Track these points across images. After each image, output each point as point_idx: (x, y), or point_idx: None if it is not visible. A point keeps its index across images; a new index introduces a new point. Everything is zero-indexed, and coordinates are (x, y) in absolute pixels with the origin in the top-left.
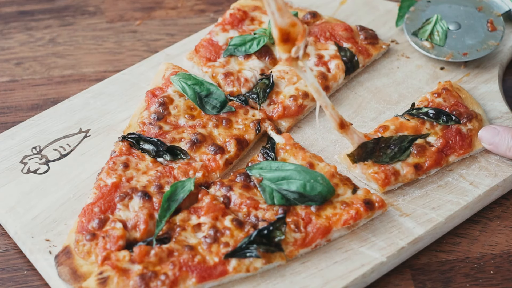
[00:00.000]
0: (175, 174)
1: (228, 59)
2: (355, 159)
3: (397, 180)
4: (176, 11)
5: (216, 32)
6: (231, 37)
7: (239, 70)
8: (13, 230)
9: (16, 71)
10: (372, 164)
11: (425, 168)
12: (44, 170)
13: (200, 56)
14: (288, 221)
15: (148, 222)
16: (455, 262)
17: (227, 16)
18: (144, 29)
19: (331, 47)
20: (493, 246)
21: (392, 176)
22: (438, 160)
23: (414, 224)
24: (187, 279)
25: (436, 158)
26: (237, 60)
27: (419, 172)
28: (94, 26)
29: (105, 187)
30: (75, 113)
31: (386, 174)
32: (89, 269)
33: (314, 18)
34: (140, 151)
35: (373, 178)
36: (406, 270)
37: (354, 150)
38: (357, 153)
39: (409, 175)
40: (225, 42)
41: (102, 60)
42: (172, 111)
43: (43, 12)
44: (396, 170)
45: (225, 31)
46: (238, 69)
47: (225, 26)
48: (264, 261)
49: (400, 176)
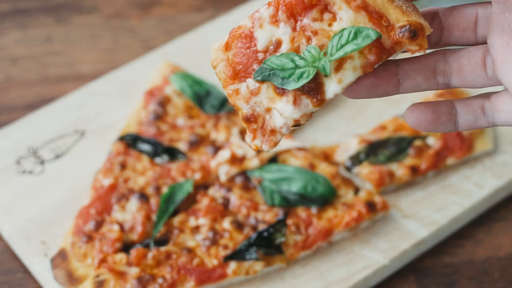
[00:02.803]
0: (173, 175)
1: (260, 84)
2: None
3: (393, 181)
4: (174, 8)
5: (261, 21)
6: (278, 39)
7: (268, 109)
8: (7, 232)
9: (10, 70)
10: (367, 164)
11: (422, 170)
12: (40, 171)
13: (228, 62)
14: (288, 223)
15: (146, 224)
16: (459, 264)
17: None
18: (142, 26)
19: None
20: (498, 248)
21: (387, 177)
22: (436, 162)
23: (417, 226)
24: (186, 282)
25: (433, 161)
26: (271, 90)
27: (416, 174)
28: (90, 23)
29: (102, 188)
30: (71, 113)
31: (381, 174)
32: (85, 272)
33: None
34: (137, 151)
35: (368, 178)
36: (409, 273)
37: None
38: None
39: (405, 176)
40: (266, 45)
41: (98, 58)
42: (170, 111)
43: (38, 9)
44: (391, 171)
45: (274, 24)
46: (267, 107)
47: (277, 14)
48: (264, 264)
49: (396, 177)
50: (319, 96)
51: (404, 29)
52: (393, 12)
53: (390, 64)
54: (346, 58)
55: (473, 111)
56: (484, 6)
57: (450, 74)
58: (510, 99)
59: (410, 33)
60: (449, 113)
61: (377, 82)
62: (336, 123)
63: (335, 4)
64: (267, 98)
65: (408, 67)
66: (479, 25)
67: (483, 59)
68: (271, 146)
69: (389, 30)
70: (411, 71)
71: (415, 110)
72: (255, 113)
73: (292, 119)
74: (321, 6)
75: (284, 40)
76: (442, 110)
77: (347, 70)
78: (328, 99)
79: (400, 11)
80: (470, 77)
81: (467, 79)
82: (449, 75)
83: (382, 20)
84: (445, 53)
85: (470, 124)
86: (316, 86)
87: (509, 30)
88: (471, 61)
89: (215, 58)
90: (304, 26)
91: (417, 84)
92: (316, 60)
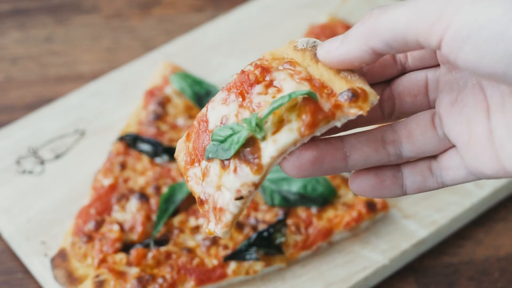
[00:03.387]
0: (173, 175)
1: (210, 162)
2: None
3: None
4: (174, 8)
5: (214, 104)
6: (225, 115)
7: (218, 186)
8: (7, 232)
9: (10, 70)
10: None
11: None
12: (40, 171)
13: (187, 150)
14: (288, 223)
15: (146, 224)
16: (459, 265)
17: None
18: (142, 26)
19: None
20: (498, 248)
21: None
22: None
23: (417, 226)
24: (186, 282)
25: None
26: (218, 166)
27: None
28: (90, 23)
29: (102, 188)
30: (71, 113)
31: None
32: (85, 272)
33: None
34: (137, 151)
35: None
36: (409, 273)
37: None
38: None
39: None
40: (216, 125)
41: (98, 58)
42: (170, 111)
43: (38, 9)
44: None
45: (224, 104)
46: (217, 185)
47: (229, 96)
48: (264, 264)
49: None
50: (256, 161)
51: (344, 93)
52: (338, 83)
53: (333, 139)
54: (284, 122)
55: (420, 172)
56: (433, 69)
57: (400, 142)
58: (457, 154)
59: (348, 96)
60: (394, 176)
61: (321, 157)
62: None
63: (280, 79)
64: (215, 175)
65: (353, 140)
66: (429, 88)
67: (431, 120)
68: (223, 227)
69: (330, 97)
70: (357, 143)
71: (357, 175)
72: (205, 194)
73: (235, 191)
74: (267, 82)
75: (230, 116)
76: (386, 173)
77: (283, 131)
78: (265, 164)
79: (344, 81)
80: (422, 141)
81: (418, 144)
82: (399, 143)
83: (324, 89)
84: (392, 124)
85: (419, 186)
86: (254, 151)
87: (457, 88)
88: (420, 124)
89: (179, 149)
90: (251, 100)
91: (366, 156)
92: (250, 124)
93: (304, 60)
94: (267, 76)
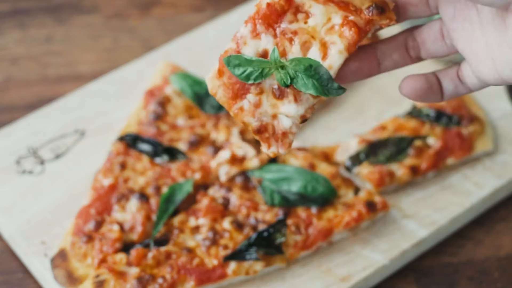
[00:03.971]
0: (173, 175)
1: (259, 95)
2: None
3: (393, 181)
4: (174, 8)
5: (244, 39)
6: (264, 49)
7: (274, 115)
8: (7, 232)
9: (10, 70)
10: (367, 165)
11: (422, 170)
12: (40, 171)
13: (225, 86)
14: (288, 223)
15: (146, 224)
16: (459, 264)
17: (263, 6)
18: (142, 26)
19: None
20: (498, 248)
21: (387, 177)
22: (436, 162)
23: (417, 226)
24: (186, 282)
25: (433, 161)
26: (271, 97)
27: (416, 174)
28: (90, 23)
29: (102, 188)
30: (71, 113)
31: (381, 174)
32: (85, 272)
33: None
34: (137, 151)
35: (368, 178)
36: (409, 273)
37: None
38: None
39: (405, 176)
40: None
41: (98, 58)
42: (170, 111)
43: (38, 9)
44: (391, 171)
45: (256, 37)
46: (272, 114)
47: (256, 28)
48: (264, 264)
49: (396, 177)
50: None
51: (371, 8)
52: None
53: (368, 48)
54: (328, 43)
55: (451, 80)
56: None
57: (418, 48)
58: (467, 64)
59: (378, 10)
60: (438, 83)
61: (361, 66)
62: (336, 123)
63: (305, 4)
64: (269, 106)
65: (384, 47)
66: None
67: (440, 31)
68: (286, 147)
69: (358, 13)
70: (387, 51)
71: (409, 80)
72: (263, 123)
73: (299, 116)
74: (293, 9)
75: (269, 48)
76: (433, 80)
77: (334, 54)
78: None
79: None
80: (433, 49)
81: (431, 51)
82: (418, 49)
83: (349, 6)
84: (412, 31)
85: (451, 93)
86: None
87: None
88: (430, 34)
89: (213, 86)
90: (284, 30)
91: (394, 62)
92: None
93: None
94: (292, 3)
